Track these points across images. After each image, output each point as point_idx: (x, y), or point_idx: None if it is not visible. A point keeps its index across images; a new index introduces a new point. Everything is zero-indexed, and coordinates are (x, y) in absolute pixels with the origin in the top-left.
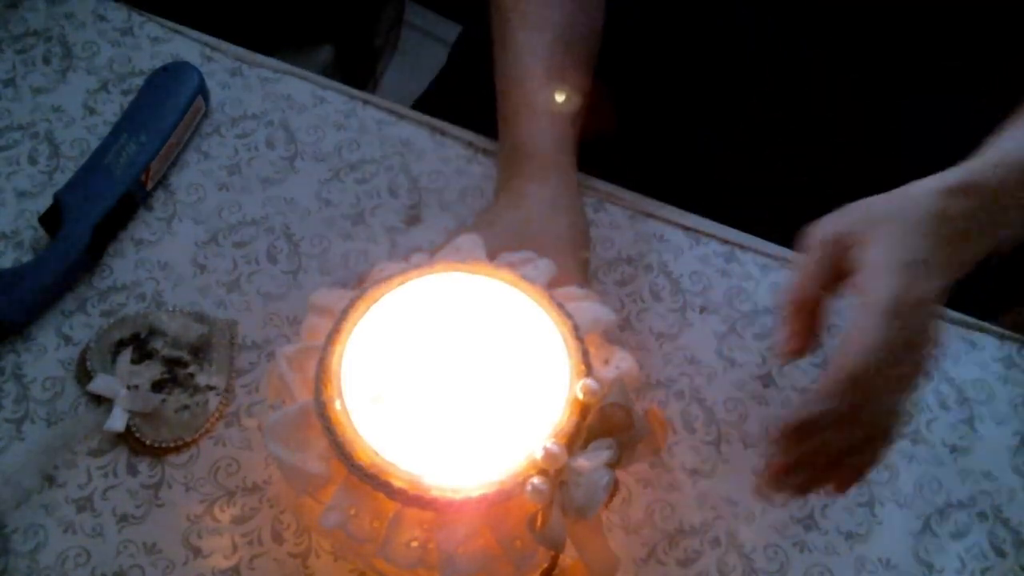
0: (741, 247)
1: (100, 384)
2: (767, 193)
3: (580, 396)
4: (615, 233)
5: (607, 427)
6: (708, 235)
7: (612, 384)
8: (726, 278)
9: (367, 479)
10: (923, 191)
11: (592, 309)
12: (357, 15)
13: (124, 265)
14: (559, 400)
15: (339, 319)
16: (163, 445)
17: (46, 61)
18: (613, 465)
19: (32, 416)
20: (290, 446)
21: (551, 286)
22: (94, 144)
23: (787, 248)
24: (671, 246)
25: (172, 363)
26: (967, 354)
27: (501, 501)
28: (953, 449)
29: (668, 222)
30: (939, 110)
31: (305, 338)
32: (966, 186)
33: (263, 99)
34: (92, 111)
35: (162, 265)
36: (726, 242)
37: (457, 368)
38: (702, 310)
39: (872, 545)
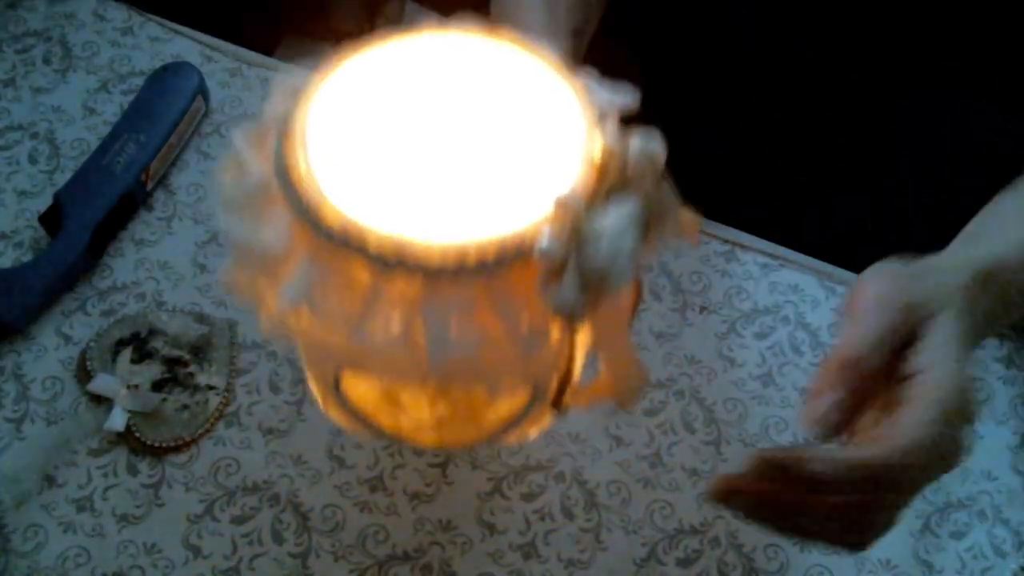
0: (741, 247)
1: (100, 384)
2: (767, 193)
3: (597, 157)
4: None
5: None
6: (708, 235)
7: (634, 150)
8: (726, 278)
9: (338, 242)
10: (957, 274)
11: (608, 90)
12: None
13: (124, 265)
14: (572, 162)
15: (308, 79)
16: (163, 445)
17: (46, 61)
18: (641, 231)
19: (32, 416)
20: (246, 221)
21: None
22: (94, 144)
23: (787, 248)
24: (671, 245)
25: (172, 363)
26: None
27: (503, 266)
28: None
29: None
30: (939, 110)
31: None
32: (993, 275)
33: (263, 99)
34: (92, 111)
35: (162, 265)
36: (726, 242)
37: (450, 132)
38: (702, 310)
39: None
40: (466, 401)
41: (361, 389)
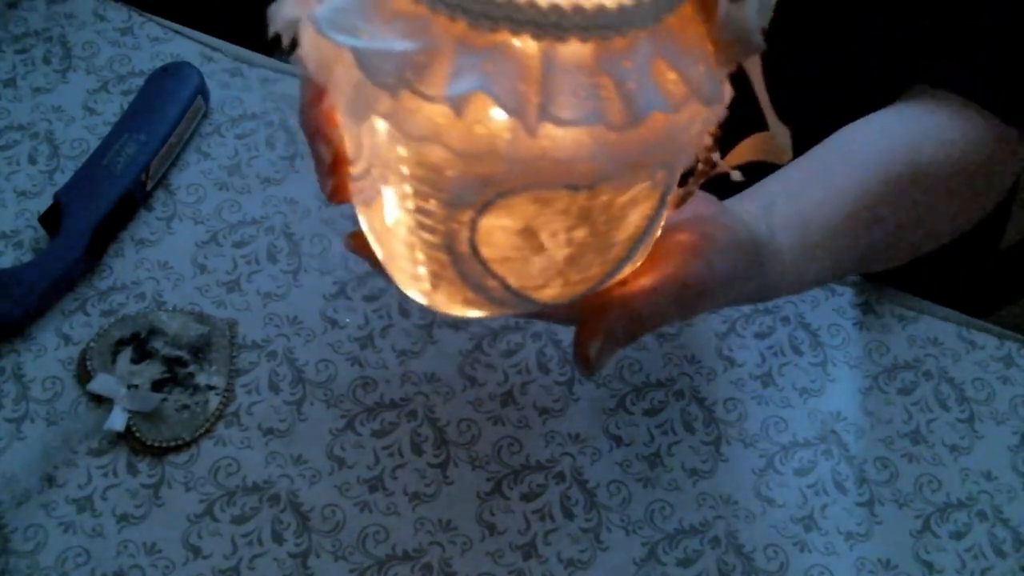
0: None
1: (100, 384)
2: None
3: None
4: None
5: None
6: None
7: None
8: None
9: (501, 19)
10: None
11: None
12: None
13: (124, 265)
14: None
15: None
16: (163, 445)
17: (46, 61)
18: None
19: (32, 416)
20: (363, 32)
21: None
22: (94, 144)
23: None
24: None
25: (172, 363)
26: (967, 354)
27: (669, 10)
28: (953, 449)
29: None
30: None
31: None
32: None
33: (263, 99)
34: (92, 111)
35: (162, 265)
36: None
37: None
38: None
39: (872, 545)
40: (605, 216)
41: (496, 237)
